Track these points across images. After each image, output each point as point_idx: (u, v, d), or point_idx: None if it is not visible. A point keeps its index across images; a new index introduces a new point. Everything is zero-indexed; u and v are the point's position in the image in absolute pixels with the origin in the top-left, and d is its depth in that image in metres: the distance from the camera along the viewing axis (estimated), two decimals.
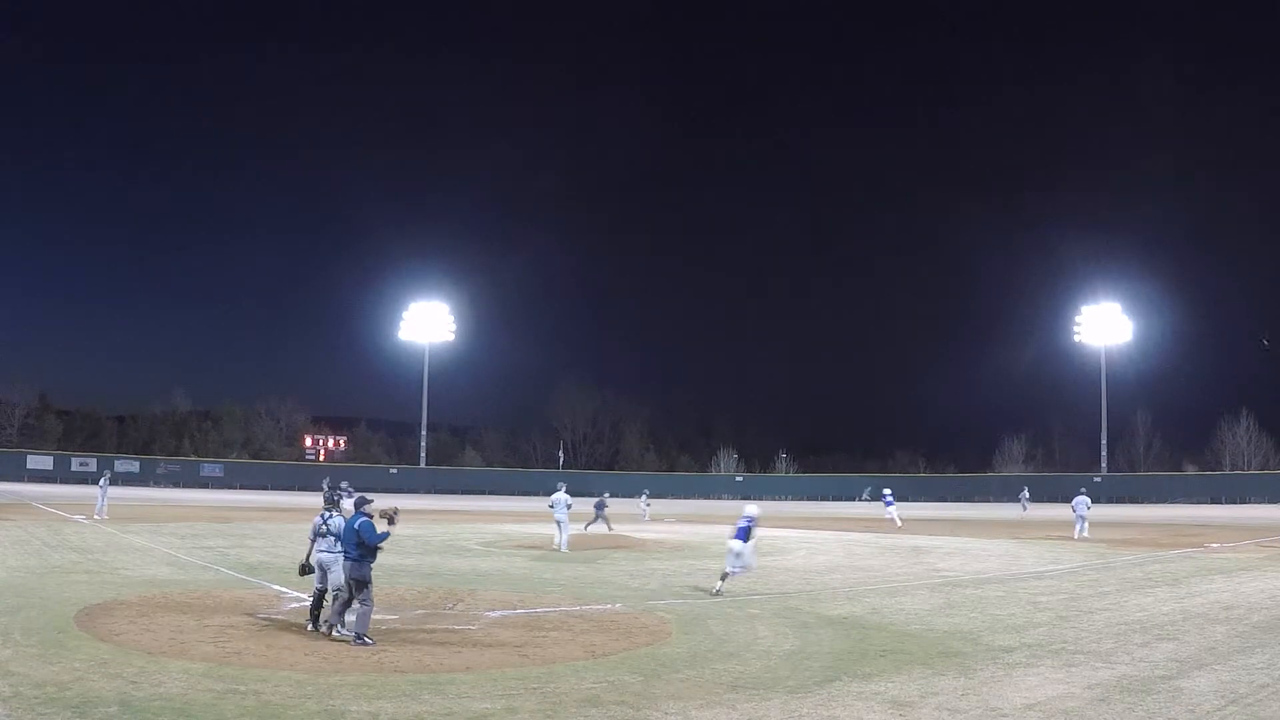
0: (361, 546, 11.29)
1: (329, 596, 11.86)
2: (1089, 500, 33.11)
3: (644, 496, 46.87)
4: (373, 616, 11.36)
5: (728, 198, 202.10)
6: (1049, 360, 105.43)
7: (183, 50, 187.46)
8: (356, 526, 11.36)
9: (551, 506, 24.84)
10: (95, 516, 32.82)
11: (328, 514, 12.03)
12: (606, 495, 34.81)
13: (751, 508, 16.35)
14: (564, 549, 24.08)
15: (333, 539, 11.80)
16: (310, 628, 11.80)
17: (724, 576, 15.73)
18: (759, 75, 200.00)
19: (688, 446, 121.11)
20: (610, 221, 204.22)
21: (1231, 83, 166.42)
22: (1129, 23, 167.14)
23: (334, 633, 11.42)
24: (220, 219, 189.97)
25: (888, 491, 43.14)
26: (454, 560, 22.01)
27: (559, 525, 24.50)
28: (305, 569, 12.25)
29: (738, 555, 15.63)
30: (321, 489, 11.96)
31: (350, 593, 11.40)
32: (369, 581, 11.36)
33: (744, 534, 15.66)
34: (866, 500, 71.77)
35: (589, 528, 31.51)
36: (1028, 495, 64.10)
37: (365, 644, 10.85)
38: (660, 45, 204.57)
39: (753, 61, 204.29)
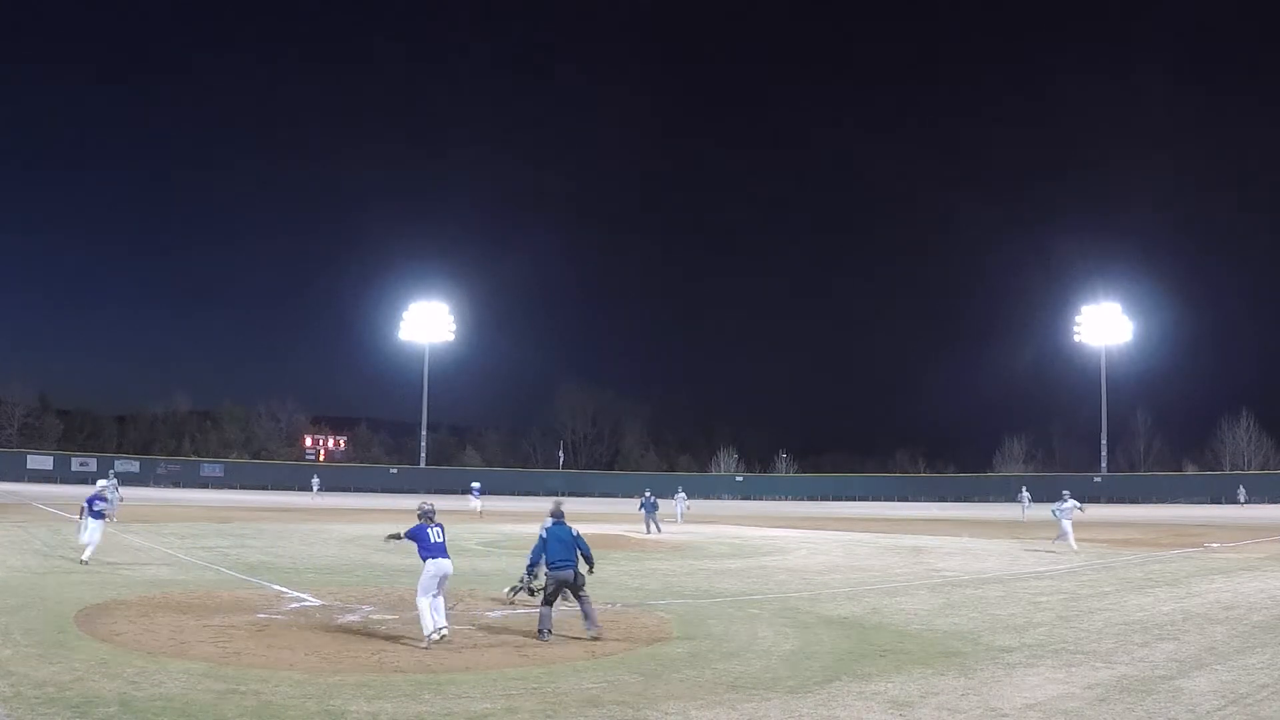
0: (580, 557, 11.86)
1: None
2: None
3: (680, 495, 43.82)
4: (373, 616, 11.30)
5: (727, 198, 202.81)
6: (1049, 360, 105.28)
7: (183, 50, 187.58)
8: (576, 536, 11.91)
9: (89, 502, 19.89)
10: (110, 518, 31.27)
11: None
12: (648, 492, 35.08)
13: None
14: (88, 553, 19.12)
15: None
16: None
17: None
18: (759, 77, 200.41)
19: (688, 446, 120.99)
20: (610, 221, 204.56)
21: (1232, 83, 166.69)
22: (1129, 23, 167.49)
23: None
24: (220, 219, 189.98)
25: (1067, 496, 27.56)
26: (454, 560, 21.93)
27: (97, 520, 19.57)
28: None
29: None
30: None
31: (556, 595, 11.90)
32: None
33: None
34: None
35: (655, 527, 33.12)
36: (1029, 496, 63.46)
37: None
38: (661, 46, 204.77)
39: (753, 63, 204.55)
